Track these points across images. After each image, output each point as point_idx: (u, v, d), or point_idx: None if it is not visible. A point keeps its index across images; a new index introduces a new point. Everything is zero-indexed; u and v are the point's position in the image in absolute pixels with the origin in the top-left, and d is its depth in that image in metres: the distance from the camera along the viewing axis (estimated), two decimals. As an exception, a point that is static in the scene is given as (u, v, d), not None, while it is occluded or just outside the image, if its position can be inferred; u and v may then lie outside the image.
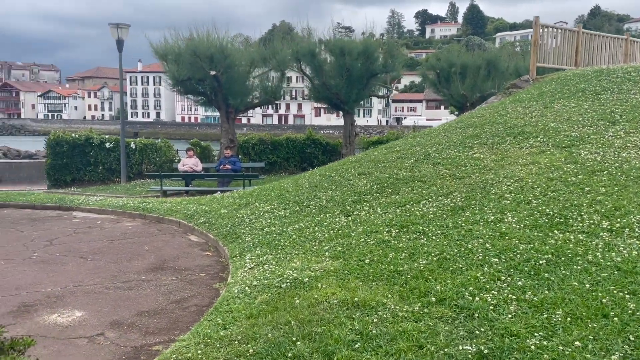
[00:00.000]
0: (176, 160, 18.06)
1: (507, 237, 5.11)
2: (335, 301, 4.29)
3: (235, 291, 5.08)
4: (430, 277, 4.53)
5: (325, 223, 6.94)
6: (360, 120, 79.08)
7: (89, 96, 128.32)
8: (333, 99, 20.19)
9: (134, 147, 17.87)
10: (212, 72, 17.80)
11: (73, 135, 17.37)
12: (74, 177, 17.22)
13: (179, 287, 6.08)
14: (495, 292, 4.07)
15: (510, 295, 3.99)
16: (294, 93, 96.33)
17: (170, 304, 5.52)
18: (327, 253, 5.72)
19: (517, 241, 4.98)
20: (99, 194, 14.36)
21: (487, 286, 4.19)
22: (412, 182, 7.69)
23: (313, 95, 21.24)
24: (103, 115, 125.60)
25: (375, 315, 3.95)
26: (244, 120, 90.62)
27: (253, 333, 3.93)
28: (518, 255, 4.68)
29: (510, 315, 3.70)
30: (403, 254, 5.17)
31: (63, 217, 10.70)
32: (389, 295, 4.30)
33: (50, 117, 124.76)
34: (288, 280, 4.99)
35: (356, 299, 4.26)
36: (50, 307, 5.45)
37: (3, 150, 48.34)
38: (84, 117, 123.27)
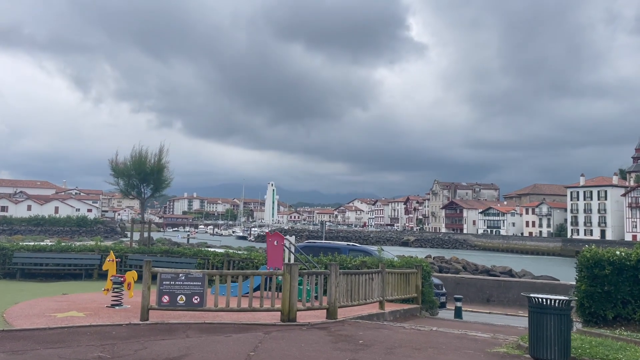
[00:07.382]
0: None
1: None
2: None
3: None
4: None
5: None
6: None
7: (527, 212, 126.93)
8: None
9: None
10: None
11: (618, 253, 12.51)
12: (617, 314, 12.17)
13: None
14: None
15: None
16: None
17: None
18: None
19: None
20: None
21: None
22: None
23: None
24: (540, 232, 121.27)
25: None
26: None
27: None
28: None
29: None
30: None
31: None
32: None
33: (489, 233, 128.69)
34: None
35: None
36: None
37: (462, 263, 49.02)
38: (521, 234, 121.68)
